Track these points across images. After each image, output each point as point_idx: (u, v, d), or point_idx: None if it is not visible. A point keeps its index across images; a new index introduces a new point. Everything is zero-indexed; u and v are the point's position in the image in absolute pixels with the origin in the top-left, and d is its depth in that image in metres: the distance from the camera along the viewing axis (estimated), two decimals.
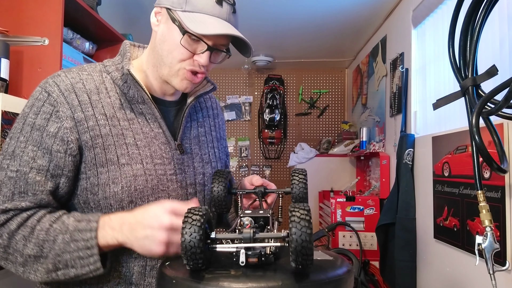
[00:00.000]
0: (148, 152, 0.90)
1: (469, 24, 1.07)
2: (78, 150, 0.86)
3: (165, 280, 0.72)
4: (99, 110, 0.88)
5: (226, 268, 0.73)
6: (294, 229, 0.65)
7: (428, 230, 1.93)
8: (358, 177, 3.40)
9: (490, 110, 0.97)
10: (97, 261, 0.79)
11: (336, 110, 4.26)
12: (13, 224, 0.80)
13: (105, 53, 2.42)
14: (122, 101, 0.91)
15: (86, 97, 0.88)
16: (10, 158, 0.84)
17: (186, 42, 0.86)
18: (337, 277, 0.72)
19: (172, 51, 0.88)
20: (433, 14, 2.03)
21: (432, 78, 2.04)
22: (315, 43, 3.51)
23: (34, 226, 0.81)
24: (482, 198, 1.01)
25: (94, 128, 0.86)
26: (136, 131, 0.90)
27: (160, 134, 0.93)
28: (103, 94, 0.90)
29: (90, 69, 0.94)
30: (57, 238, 0.80)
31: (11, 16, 1.74)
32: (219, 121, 1.13)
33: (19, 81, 1.71)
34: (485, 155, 0.97)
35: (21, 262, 0.80)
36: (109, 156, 0.87)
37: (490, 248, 0.97)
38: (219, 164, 1.07)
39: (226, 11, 0.87)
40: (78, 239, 0.79)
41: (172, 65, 0.89)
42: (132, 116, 0.91)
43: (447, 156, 1.72)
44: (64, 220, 0.82)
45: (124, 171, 0.87)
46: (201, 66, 0.89)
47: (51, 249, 0.79)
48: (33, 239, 0.80)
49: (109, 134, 0.87)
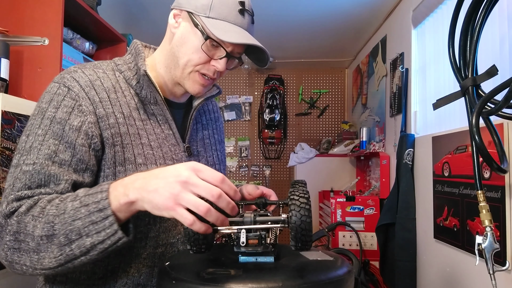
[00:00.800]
0: (161, 153, 0.91)
1: (469, 24, 1.07)
2: (101, 145, 0.84)
3: (165, 280, 0.72)
4: (117, 109, 0.87)
5: (227, 268, 0.73)
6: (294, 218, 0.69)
7: (428, 230, 1.93)
8: (358, 177, 3.40)
9: (490, 110, 0.97)
10: (114, 223, 0.69)
11: (336, 110, 4.26)
12: (22, 208, 0.74)
13: (105, 53, 2.42)
14: (135, 101, 0.91)
15: (105, 94, 0.87)
16: (26, 153, 0.79)
17: (206, 47, 0.88)
18: (337, 277, 0.72)
19: (190, 54, 0.89)
20: (433, 14, 2.03)
21: (432, 78, 2.04)
22: (315, 43, 3.51)
23: (44, 206, 0.73)
24: (482, 198, 1.01)
25: (114, 126, 0.86)
26: (149, 132, 0.90)
27: (170, 136, 0.94)
28: (119, 93, 0.89)
29: (104, 67, 0.92)
30: (67, 207, 0.72)
31: (11, 16, 1.74)
32: (219, 124, 1.15)
33: (19, 81, 1.71)
34: (485, 155, 0.97)
35: (33, 248, 0.72)
36: (127, 155, 0.86)
37: (490, 248, 0.97)
38: (221, 167, 1.08)
39: (247, 21, 0.90)
40: (89, 203, 0.71)
41: (186, 67, 0.90)
42: (145, 117, 0.91)
43: (447, 156, 1.72)
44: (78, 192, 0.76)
45: (141, 171, 0.83)
46: (216, 72, 0.91)
47: (61, 221, 0.71)
48: (43, 218, 0.72)
49: (127, 133, 0.87)
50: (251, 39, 0.89)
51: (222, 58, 0.89)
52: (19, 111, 1.38)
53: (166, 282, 0.71)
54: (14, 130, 1.35)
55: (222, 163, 1.10)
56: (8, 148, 1.32)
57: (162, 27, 0.99)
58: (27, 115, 1.42)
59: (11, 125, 1.34)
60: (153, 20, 2.89)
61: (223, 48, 0.88)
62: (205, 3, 0.87)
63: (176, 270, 0.73)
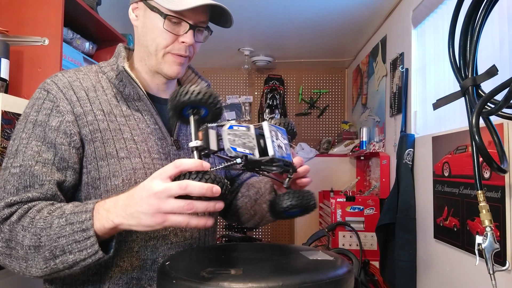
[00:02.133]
0: (146, 147, 0.92)
1: (469, 24, 1.07)
2: (80, 142, 0.87)
3: (165, 280, 0.72)
4: (96, 106, 0.90)
5: (227, 268, 0.73)
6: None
7: (428, 230, 1.93)
8: (358, 177, 3.40)
9: (490, 110, 0.97)
10: (95, 244, 0.74)
11: (336, 110, 4.26)
12: (14, 217, 0.78)
13: (105, 53, 2.42)
14: (118, 99, 0.93)
15: (83, 93, 0.90)
16: (13, 156, 0.83)
17: (168, 25, 0.88)
18: (337, 277, 0.72)
19: (155, 38, 0.90)
20: (433, 14, 2.03)
21: (432, 78, 2.04)
22: (315, 43, 3.51)
23: (33, 216, 0.77)
24: (482, 198, 1.01)
25: (93, 123, 0.88)
26: (132, 127, 0.92)
27: (156, 130, 0.95)
28: (99, 91, 0.92)
29: (86, 70, 0.97)
30: (53, 223, 0.76)
31: (11, 16, 1.74)
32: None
33: (19, 81, 1.71)
34: (485, 155, 0.97)
35: (22, 256, 0.76)
36: (108, 150, 0.88)
37: (490, 248, 0.97)
38: (217, 159, 1.07)
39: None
40: (74, 222, 0.74)
41: (157, 52, 0.91)
42: (129, 113, 0.93)
43: (447, 156, 1.72)
44: (63, 206, 0.79)
45: (124, 164, 0.88)
46: (187, 48, 0.91)
47: (47, 236, 0.75)
48: (32, 229, 0.76)
49: (107, 129, 0.89)
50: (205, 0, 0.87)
51: (188, 31, 0.89)
52: (19, 111, 1.38)
53: (166, 281, 0.71)
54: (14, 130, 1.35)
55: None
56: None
57: None
58: None
59: (11, 125, 1.34)
60: None
61: (185, 22, 0.89)
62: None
63: (176, 270, 0.73)
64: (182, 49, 0.91)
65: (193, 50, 0.94)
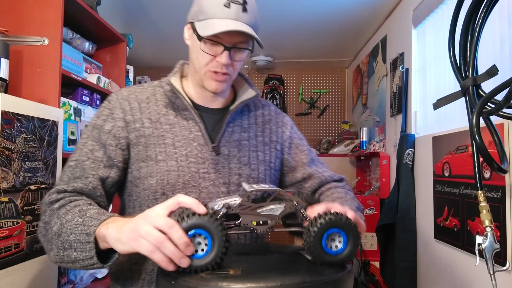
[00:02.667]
0: (184, 152, 1.01)
1: (469, 24, 1.06)
2: (126, 146, 1.00)
3: (165, 280, 0.72)
4: (146, 115, 1.03)
5: (225, 268, 0.73)
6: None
7: (428, 230, 1.92)
8: (358, 177, 3.40)
9: (490, 110, 0.97)
10: (92, 249, 0.81)
11: (336, 110, 4.26)
12: (56, 205, 0.90)
13: (105, 53, 2.42)
14: (167, 109, 1.05)
15: (136, 104, 1.04)
16: (74, 152, 0.99)
17: (204, 47, 0.97)
18: (337, 277, 0.72)
19: (198, 57, 1.00)
20: (433, 14, 2.03)
21: (432, 78, 2.04)
22: (315, 43, 3.51)
23: (68, 209, 0.88)
24: (482, 198, 1.01)
25: (139, 129, 1.01)
26: (175, 134, 1.03)
27: (198, 137, 1.04)
28: (152, 102, 1.06)
29: (147, 85, 1.11)
30: (73, 220, 0.85)
31: (11, 16, 1.74)
32: (271, 126, 1.16)
33: (19, 81, 1.71)
34: (485, 155, 0.97)
35: (49, 239, 0.88)
36: (148, 153, 1.00)
37: (490, 248, 0.97)
38: (261, 167, 1.09)
39: (234, 11, 0.95)
40: (85, 224, 0.83)
41: (199, 70, 1.01)
42: (175, 121, 1.04)
43: (447, 156, 1.72)
44: (90, 209, 0.87)
45: (160, 166, 0.99)
46: (223, 66, 0.98)
47: (66, 229, 0.84)
48: (61, 219, 0.87)
49: (151, 135, 1.01)
50: (233, 26, 0.93)
51: (223, 52, 0.96)
52: (19, 111, 1.38)
53: (166, 281, 0.71)
54: (14, 130, 1.35)
55: (265, 163, 1.11)
56: (8, 148, 1.32)
57: (162, 27, 1.00)
58: (27, 115, 1.42)
59: (11, 125, 1.34)
60: (153, 20, 2.89)
61: (219, 43, 0.96)
62: (197, 9, 0.98)
63: (176, 270, 0.73)
64: (219, 67, 0.98)
65: (232, 68, 1.01)
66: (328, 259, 0.76)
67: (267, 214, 0.79)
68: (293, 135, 1.20)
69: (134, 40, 2.64)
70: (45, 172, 1.51)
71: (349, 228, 0.76)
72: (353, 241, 0.77)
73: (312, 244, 0.75)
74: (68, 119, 1.91)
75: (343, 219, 0.76)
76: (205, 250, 0.72)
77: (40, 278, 1.47)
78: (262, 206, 0.79)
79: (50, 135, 1.54)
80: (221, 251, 0.72)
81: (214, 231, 0.71)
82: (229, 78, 1.02)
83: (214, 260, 0.71)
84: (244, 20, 0.95)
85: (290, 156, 1.17)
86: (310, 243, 0.75)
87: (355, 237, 0.77)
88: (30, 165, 1.43)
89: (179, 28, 1.14)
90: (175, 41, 3.39)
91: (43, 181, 1.50)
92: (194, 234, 0.71)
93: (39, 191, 1.48)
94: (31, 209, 1.43)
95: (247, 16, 0.96)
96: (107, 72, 2.41)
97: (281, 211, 0.80)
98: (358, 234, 0.78)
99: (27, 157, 1.41)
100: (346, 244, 0.77)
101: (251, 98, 1.10)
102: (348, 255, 0.77)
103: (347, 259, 0.77)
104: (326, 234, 0.75)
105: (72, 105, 1.95)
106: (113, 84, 2.34)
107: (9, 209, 1.33)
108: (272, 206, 0.80)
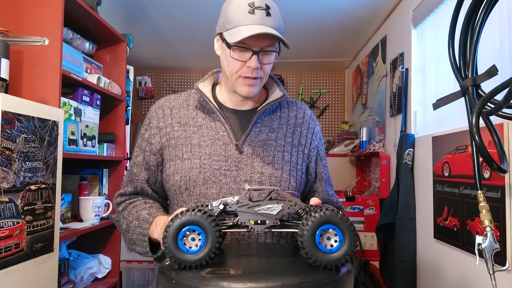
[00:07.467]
0: (208, 151, 1.09)
1: (469, 24, 1.07)
2: (158, 150, 1.14)
3: (165, 280, 0.72)
4: (176, 120, 1.14)
5: (226, 268, 0.73)
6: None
7: (428, 230, 1.93)
8: (358, 177, 3.40)
9: (490, 110, 0.97)
10: (147, 246, 1.06)
11: (336, 110, 4.26)
12: (120, 207, 1.17)
13: (105, 53, 2.42)
14: (197, 113, 1.15)
15: (169, 111, 1.16)
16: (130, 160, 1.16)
17: (234, 54, 1.03)
18: (337, 277, 0.72)
19: (228, 65, 1.06)
20: (433, 14, 2.03)
21: (432, 78, 2.04)
22: (315, 43, 3.51)
23: (130, 211, 1.13)
24: (482, 198, 1.01)
25: (169, 133, 1.13)
26: (202, 134, 1.12)
27: (224, 137, 1.11)
28: (183, 108, 1.16)
29: (184, 92, 1.23)
30: (133, 222, 1.10)
31: (11, 16, 1.74)
32: (302, 129, 1.19)
33: (19, 81, 1.71)
34: (485, 155, 0.97)
35: (122, 233, 1.16)
36: (176, 153, 1.11)
37: (490, 248, 0.97)
38: (286, 167, 1.11)
39: (259, 16, 1.01)
40: (142, 227, 1.07)
41: (231, 76, 1.07)
42: (203, 123, 1.13)
43: (447, 156, 1.72)
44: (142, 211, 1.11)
45: (184, 164, 1.09)
46: (253, 70, 1.04)
47: (129, 228, 1.10)
48: (126, 220, 1.13)
49: (180, 137, 1.12)
50: (258, 30, 0.98)
51: (252, 57, 1.02)
52: (19, 111, 1.38)
53: (166, 281, 0.71)
54: (14, 130, 1.35)
55: (292, 164, 1.13)
56: (8, 148, 1.32)
57: (162, 27, 1.01)
58: (27, 115, 1.42)
59: (11, 125, 1.34)
60: (153, 20, 2.89)
61: (247, 48, 1.02)
62: (224, 20, 1.04)
63: (176, 270, 0.73)
64: (250, 72, 1.04)
65: (262, 71, 1.06)
66: (321, 256, 0.73)
67: (265, 213, 0.80)
68: (320, 147, 1.24)
69: (134, 40, 2.64)
70: (45, 172, 1.52)
71: (344, 225, 0.74)
72: (350, 240, 0.74)
73: (305, 238, 0.73)
74: (69, 119, 1.91)
75: (338, 215, 0.74)
76: (199, 245, 0.75)
77: (40, 278, 1.48)
78: (260, 205, 0.80)
79: (50, 135, 1.54)
80: (214, 246, 0.74)
81: (207, 227, 0.74)
82: (260, 81, 1.08)
83: (207, 255, 0.74)
84: (269, 23, 1.02)
85: (314, 165, 1.21)
86: (303, 236, 0.73)
87: (352, 236, 0.74)
88: (30, 165, 1.43)
89: (179, 28, 1.15)
90: (175, 41, 3.40)
91: (43, 181, 1.50)
92: (188, 230, 0.75)
93: (39, 191, 1.48)
94: (31, 209, 1.43)
95: (271, 19, 1.03)
96: (107, 72, 2.41)
97: (278, 211, 0.80)
98: (356, 233, 0.75)
99: (27, 157, 1.41)
100: (342, 243, 0.74)
101: (278, 99, 1.15)
102: (343, 255, 0.74)
103: (342, 259, 0.74)
104: (320, 229, 0.74)
105: (73, 105, 1.95)
106: (113, 84, 2.34)
107: (9, 209, 1.33)
108: (270, 205, 0.80)
